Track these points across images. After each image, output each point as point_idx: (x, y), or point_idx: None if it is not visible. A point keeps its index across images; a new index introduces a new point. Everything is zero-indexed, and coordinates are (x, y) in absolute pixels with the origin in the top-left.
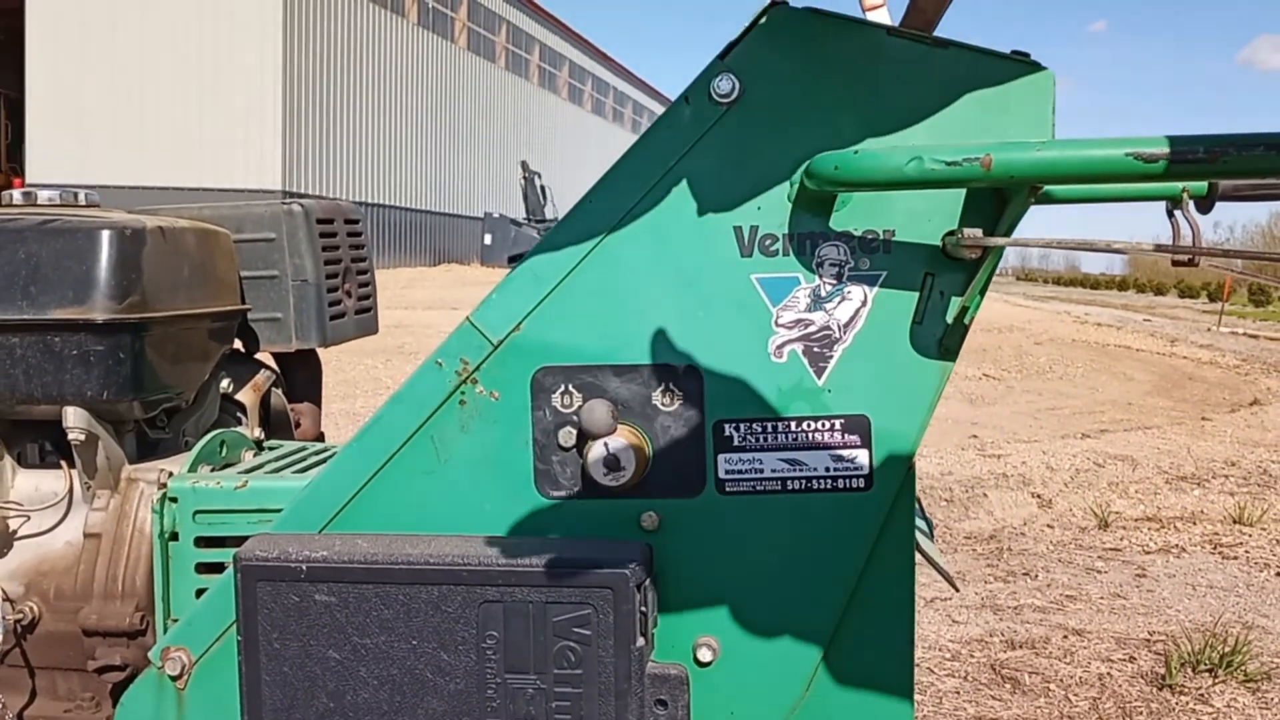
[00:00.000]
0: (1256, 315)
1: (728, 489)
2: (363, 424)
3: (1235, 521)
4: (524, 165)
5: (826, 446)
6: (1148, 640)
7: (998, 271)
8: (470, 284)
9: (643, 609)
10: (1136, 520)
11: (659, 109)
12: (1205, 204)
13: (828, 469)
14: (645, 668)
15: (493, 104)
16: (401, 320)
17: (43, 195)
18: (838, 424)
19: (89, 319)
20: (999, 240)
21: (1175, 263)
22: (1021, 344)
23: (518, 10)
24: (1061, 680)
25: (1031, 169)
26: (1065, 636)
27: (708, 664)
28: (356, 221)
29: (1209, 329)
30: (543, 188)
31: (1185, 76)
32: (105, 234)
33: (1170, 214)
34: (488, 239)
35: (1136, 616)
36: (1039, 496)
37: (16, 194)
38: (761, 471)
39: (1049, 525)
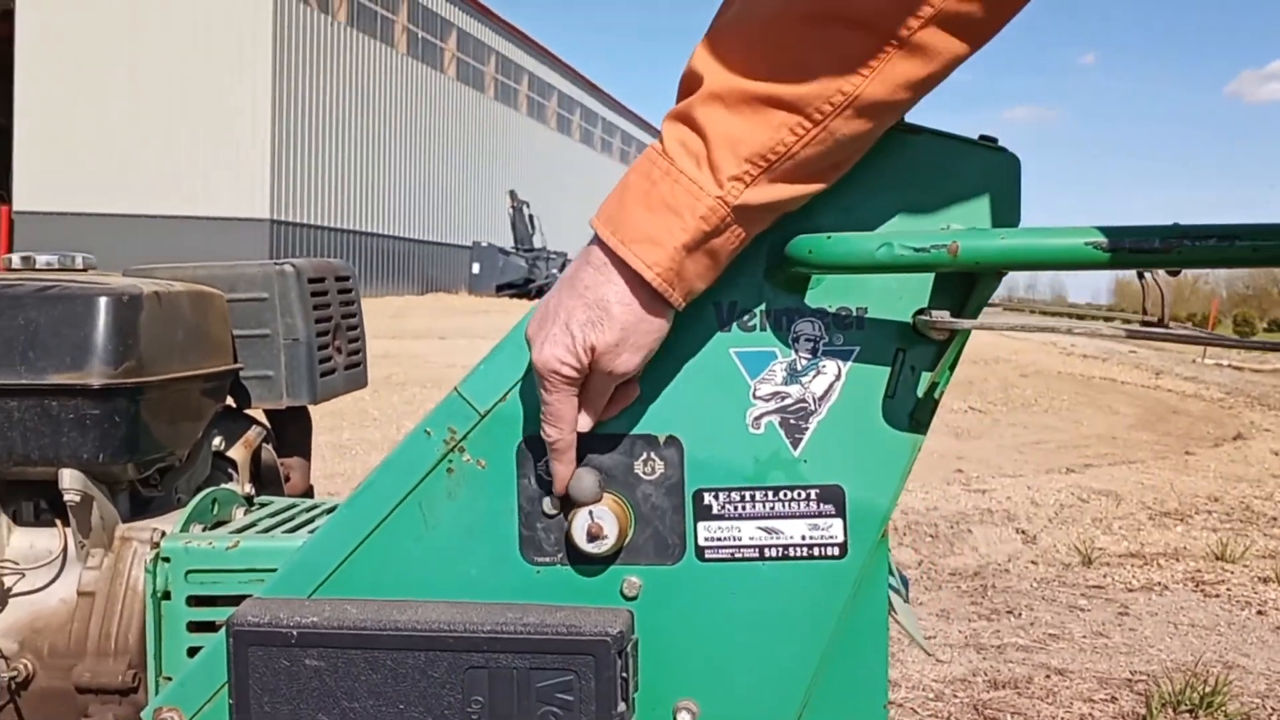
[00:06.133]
0: (1241, 347)
1: (707, 556)
2: (341, 481)
3: (1218, 558)
4: (512, 194)
5: (802, 515)
6: (1129, 680)
7: (986, 303)
8: (458, 313)
9: (624, 675)
10: (1120, 556)
11: (646, 138)
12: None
13: (804, 537)
14: None
15: (481, 133)
16: (389, 350)
17: (41, 259)
18: (813, 493)
19: (86, 384)
20: (965, 323)
21: (1144, 323)
22: (1008, 376)
23: (507, 41)
24: None
25: (996, 256)
26: (1048, 676)
27: None
28: (348, 278)
29: (1194, 360)
30: (531, 217)
31: (1175, 108)
32: (102, 301)
33: (1140, 276)
34: (476, 268)
35: (1119, 656)
36: (1023, 532)
37: (15, 258)
38: (740, 539)
39: (1033, 561)
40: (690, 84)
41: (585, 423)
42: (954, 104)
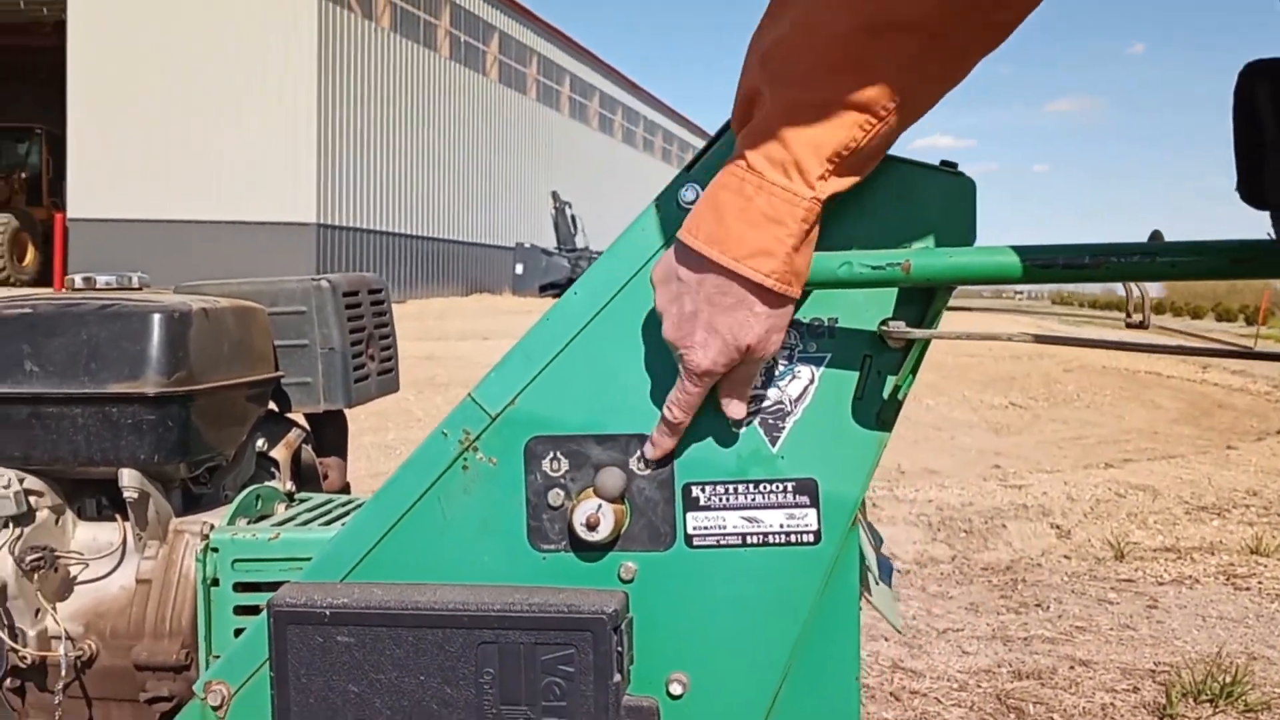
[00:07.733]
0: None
1: (695, 543)
2: (384, 480)
3: (1252, 552)
4: (555, 195)
5: (780, 506)
6: (1153, 671)
7: (1033, 297)
8: (502, 313)
9: (619, 649)
10: (1154, 551)
11: (689, 137)
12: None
13: (782, 526)
14: (622, 700)
15: (524, 135)
16: (433, 352)
17: (100, 280)
18: (790, 486)
19: (142, 392)
20: (919, 332)
21: (1129, 325)
22: (1050, 371)
23: (548, 42)
24: (1065, 710)
25: (945, 272)
26: (1072, 667)
27: (679, 697)
28: (380, 290)
29: None
30: (573, 217)
31: (1225, 98)
32: (156, 318)
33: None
34: (519, 268)
35: (1144, 647)
36: (1058, 527)
37: (78, 279)
38: (724, 528)
39: (1066, 556)
40: (753, 101)
41: (739, 409)
42: (995, 97)
